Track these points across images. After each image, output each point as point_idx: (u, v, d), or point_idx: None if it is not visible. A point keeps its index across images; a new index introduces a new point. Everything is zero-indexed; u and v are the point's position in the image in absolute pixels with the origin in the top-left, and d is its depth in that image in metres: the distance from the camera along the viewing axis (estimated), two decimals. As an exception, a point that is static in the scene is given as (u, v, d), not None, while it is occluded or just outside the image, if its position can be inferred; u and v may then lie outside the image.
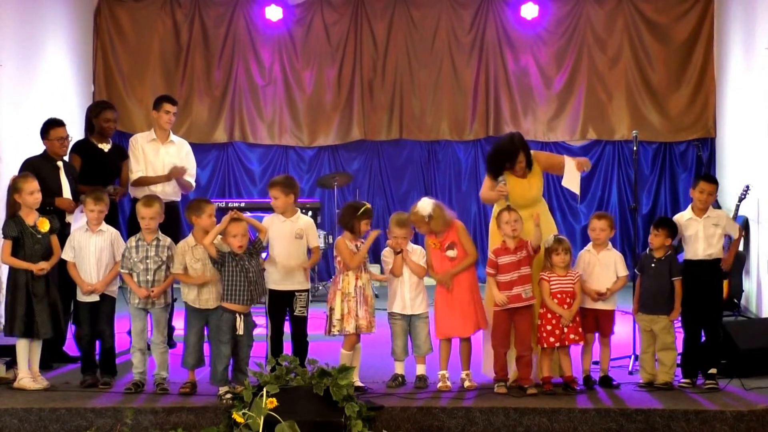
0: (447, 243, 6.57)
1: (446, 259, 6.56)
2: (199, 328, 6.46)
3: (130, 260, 6.54)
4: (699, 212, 6.59)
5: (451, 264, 6.56)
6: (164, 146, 7.96)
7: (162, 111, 7.95)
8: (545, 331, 6.40)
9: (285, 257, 6.63)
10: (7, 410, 6.06)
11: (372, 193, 12.10)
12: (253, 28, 12.06)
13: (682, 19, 11.76)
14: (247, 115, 12.02)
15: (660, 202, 12.02)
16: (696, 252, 6.56)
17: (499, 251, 6.46)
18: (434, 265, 6.61)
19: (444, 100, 12.01)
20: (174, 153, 7.99)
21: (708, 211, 6.59)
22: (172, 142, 8.04)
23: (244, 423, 5.51)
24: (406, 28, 12.01)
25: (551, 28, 11.94)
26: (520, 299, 6.36)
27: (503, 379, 6.37)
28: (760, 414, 5.91)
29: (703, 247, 6.54)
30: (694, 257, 6.58)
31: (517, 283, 6.37)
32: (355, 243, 6.61)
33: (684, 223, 6.61)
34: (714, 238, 6.56)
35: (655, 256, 6.54)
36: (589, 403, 6.10)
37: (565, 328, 6.37)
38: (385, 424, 5.94)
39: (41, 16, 10.11)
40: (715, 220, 6.58)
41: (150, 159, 7.88)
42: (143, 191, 7.68)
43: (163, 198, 7.15)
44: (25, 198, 6.56)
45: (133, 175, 7.85)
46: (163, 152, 7.94)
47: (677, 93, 11.79)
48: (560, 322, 6.38)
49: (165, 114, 7.95)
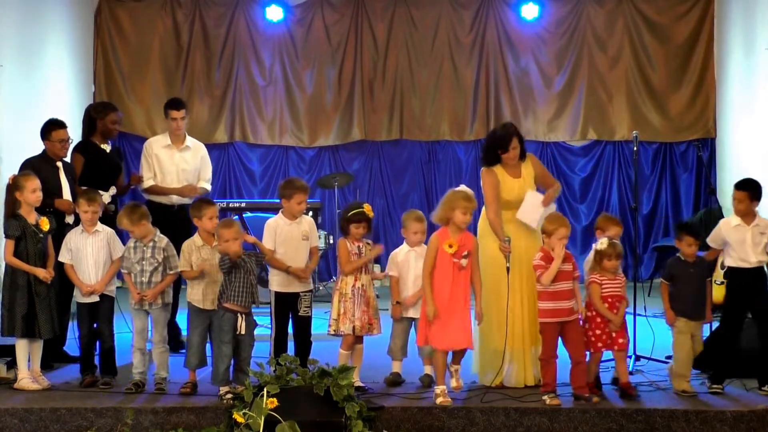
0: (465, 251, 6.16)
1: (452, 265, 6.15)
2: (202, 329, 6.45)
3: (129, 260, 6.55)
4: (748, 219, 6.51)
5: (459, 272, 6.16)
6: (179, 152, 7.86)
7: (169, 118, 7.86)
8: (594, 336, 6.24)
9: (293, 260, 6.61)
10: (8, 410, 6.05)
11: (372, 194, 12.11)
12: (253, 28, 12.07)
13: (682, 20, 11.78)
14: (247, 116, 12.03)
15: (660, 203, 12.04)
16: (746, 258, 6.47)
17: (545, 259, 6.18)
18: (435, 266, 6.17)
19: (444, 100, 12.02)
20: (189, 158, 7.90)
21: (756, 218, 6.52)
22: (188, 147, 7.93)
23: (244, 423, 5.51)
24: (406, 28, 12.03)
25: (551, 28, 11.96)
26: (572, 313, 6.19)
27: (553, 390, 6.13)
28: (760, 414, 5.91)
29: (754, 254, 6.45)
30: (743, 264, 6.48)
31: (567, 295, 6.17)
32: (357, 244, 6.56)
33: (731, 230, 6.53)
34: (759, 246, 6.48)
35: (689, 261, 6.43)
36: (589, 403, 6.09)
37: (613, 333, 6.24)
38: (385, 424, 5.94)
39: (42, 16, 10.11)
40: (762, 228, 6.50)
41: (164, 166, 7.80)
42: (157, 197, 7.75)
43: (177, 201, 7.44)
44: (27, 196, 6.53)
45: (144, 182, 7.80)
46: (178, 158, 7.84)
47: (677, 93, 11.80)
48: (608, 326, 6.23)
49: (172, 121, 7.84)
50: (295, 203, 6.62)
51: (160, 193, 7.78)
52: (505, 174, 6.66)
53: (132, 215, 6.52)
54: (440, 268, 6.17)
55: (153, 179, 7.82)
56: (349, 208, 6.67)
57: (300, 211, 6.66)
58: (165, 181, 7.81)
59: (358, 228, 6.52)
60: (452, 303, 6.12)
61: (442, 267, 6.16)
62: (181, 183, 7.84)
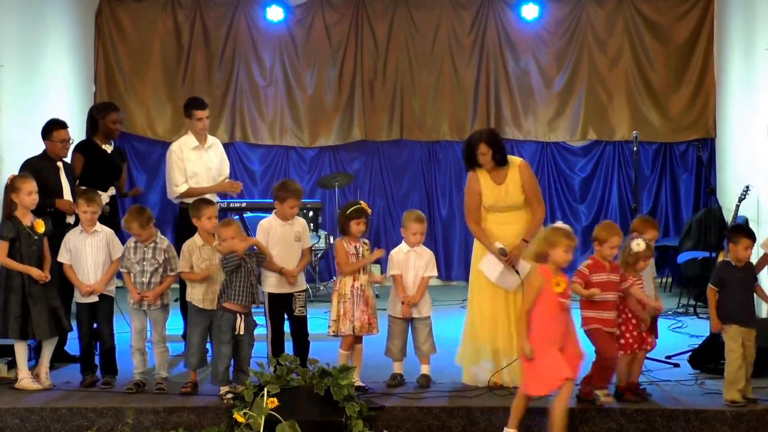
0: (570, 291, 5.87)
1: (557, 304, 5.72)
2: (202, 329, 6.46)
3: (128, 260, 6.56)
4: None
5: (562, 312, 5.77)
6: (205, 152, 7.83)
7: (194, 119, 7.76)
8: (631, 337, 6.15)
9: (286, 261, 6.62)
10: (9, 410, 6.07)
11: (372, 194, 12.11)
12: (254, 28, 12.07)
13: (682, 20, 11.76)
14: (248, 116, 12.03)
15: (660, 203, 12.03)
16: None
17: (592, 267, 6.03)
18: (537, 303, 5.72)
19: (444, 100, 12.02)
20: (214, 156, 7.88)
21: None
22: (211, 145, 7.91)
23: (245, 423, 5.52)
24: (406, 28, 12.02)
25: (551, 28, 11.95)
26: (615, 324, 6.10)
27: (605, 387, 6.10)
28: (760, 414, 5.92)
29: None
30: None
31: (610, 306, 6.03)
32: (354, 244, 6.56)
33: None
34: None
35: (738, 266, 6.20)
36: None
37: (643, 333, 6.20)
38: (385, 423, 5.95)
39: (42, 16, 10.11)
40: None
41: (195, 168, 7.73)
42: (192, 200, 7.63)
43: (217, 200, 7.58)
44: (24, 198, 6.52)
45: (178, 188, 7.69)
46: (205, 158, 7.81)
47: (677, 93, 11.79)
48: (639, 327, 6.18)
49: (198, 122, 7.74)
50: (287, 207, 6.64)
51: (198, 195, 7.61)
52: (488, 179, 6.71)
53: (141, 219, 6.52)
54: (543, 306, 5.72)
55: (186, 183, 7.72)
56: (347, 206, 6.67)
57: (292, 215, 6.69)
58: (193, 183, 7.72)
59: (359, 224, 6.51)
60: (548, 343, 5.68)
61: (546, 305, 5.72)
62: (208, 183, 7.77)
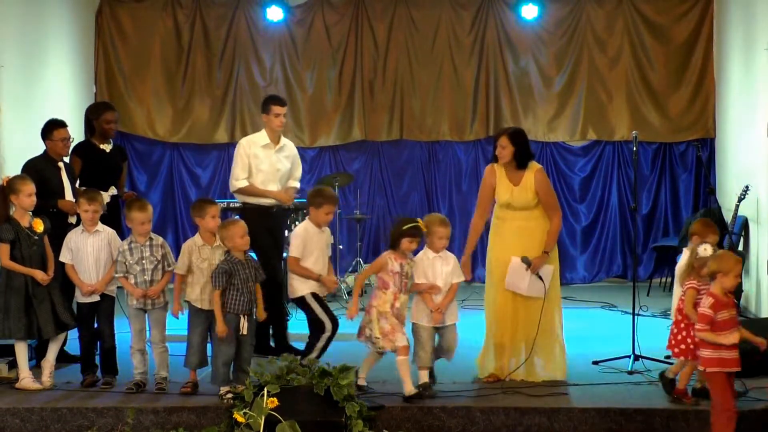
0: None
1: None
2: (203, 329, 6.45)
3: (125, 264, 6.52)
4: None
5: None
6: (276, 152, 7.67)
7: (272, 114, 7.63)
8: (693, 343, 5.97)
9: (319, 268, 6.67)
10: (9, 410, 6.07)
11: (372, 194, 12.13)
12: (254, 28, 12.08)
13: (682, 20, 11.78)
14: (248, 116, 12.04)
15: (660, 203, 12.04)
16: None
17: (716, 306, 5.59)
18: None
19: (444, 100, 12.03)
20: (284, 158, 7.73)
21: None
22: (284, 146, 7.76)
23: (245, 422, 5.52)
24: (406, 28, 12.03)
25: (551, 28, 11.96)
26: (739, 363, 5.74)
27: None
28: (760, 414, 5.92)
29: None
30: None
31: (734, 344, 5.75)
32: (400, 261, 6.34)
33: None
34: None
35: None
36: (589, 403, 6.11)
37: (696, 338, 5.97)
38: (385, 423, 5.95)
39: (43, 17, 10.13)
40: None
41: (261, 165, 7.59)
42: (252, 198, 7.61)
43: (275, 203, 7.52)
44: (23, 200, 6.51)
45: (237, 182, 7.57)
46: (275, 158, 7.65)
47: (677, 93, 11.81)
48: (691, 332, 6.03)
49: (275, 117, 7.61)
50: (323, 213, 6.63)
51: (257, 195, 7.58)
52: (504, 176, 6.69)
53: (145, 210, 6.52)
54: None
55: (247, 180, 7.60)
56: (403, 221, 6.45)
57: (327, 221, 6.68)
58: (258, 181, 7.60)
59: (412, 243, 6.34)
60: None
61: None
62: (275, 183, 7.67)
